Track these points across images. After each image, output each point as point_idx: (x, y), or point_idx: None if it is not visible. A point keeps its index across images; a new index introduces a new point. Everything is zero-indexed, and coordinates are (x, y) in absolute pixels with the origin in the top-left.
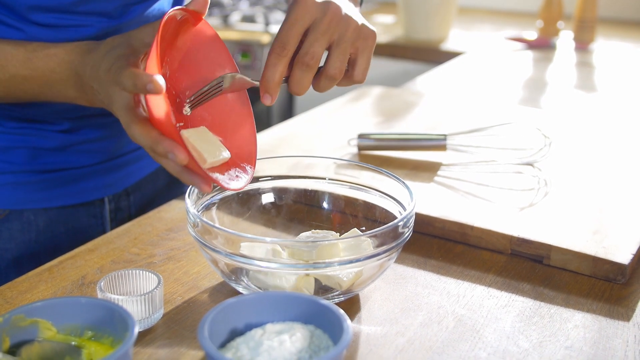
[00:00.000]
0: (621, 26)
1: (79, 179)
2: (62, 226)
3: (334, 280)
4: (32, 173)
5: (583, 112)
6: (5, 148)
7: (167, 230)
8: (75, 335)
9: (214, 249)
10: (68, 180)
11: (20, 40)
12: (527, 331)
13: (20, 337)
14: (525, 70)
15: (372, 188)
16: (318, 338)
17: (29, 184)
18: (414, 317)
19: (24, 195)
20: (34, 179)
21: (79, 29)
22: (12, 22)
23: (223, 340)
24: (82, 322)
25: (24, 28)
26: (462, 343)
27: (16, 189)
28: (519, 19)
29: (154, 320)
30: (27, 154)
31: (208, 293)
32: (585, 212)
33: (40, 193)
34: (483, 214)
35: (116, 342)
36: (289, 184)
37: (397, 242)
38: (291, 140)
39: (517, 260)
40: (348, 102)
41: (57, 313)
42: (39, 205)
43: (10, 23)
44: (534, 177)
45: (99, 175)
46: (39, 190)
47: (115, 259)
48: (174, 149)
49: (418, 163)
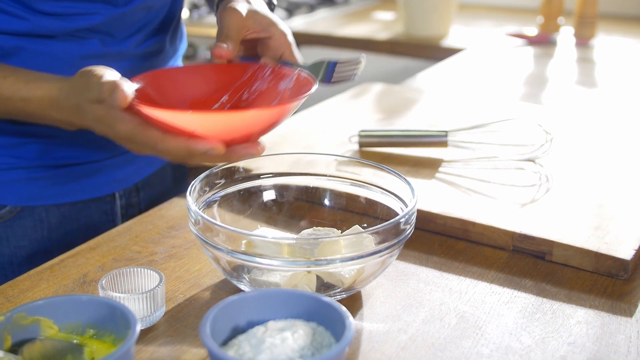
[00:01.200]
0: (622, 22)
1: (90, 174)
2: (74, 223)
3: (335, 277)
4: (43, 168)
5: (584, 108)
6: (17, 144)
7: (169, 228)
8: (77, 334)
9: (216, 247)
10: (79, 175)
11: None
12: (529, 327)
13: (22, 335)
14: (525, 66)
15: (374, 185)
16: (320, 335)
17: (41, 180)
18: (416, 314)
19: (36, 192)
20: (46, 174)
21: (86, 17)
22: (18, 11)
23: (225, 338)
24: (84, 320)
25: (30, 17)
26: (465, 340)
27: (28, 185)
28: (519, 15)
29: (155, 318)
30: (38, 149)
31: (210, 291)
32: (587, 207)
33: (52, 189)
34: (485, 210)
35: (118, 340)
36: (290, 181)
37: (398, 239)
38: (292, 137)
39: (519, 256)
40: (348, 99)
41: (59, 311)
42: (51, 202)
43: (15, 12)
44: (535, 173)
45: (109, 170)
46: (51, 186)
47: (117, 257)
48: (208, 144)
49: (419, 160)
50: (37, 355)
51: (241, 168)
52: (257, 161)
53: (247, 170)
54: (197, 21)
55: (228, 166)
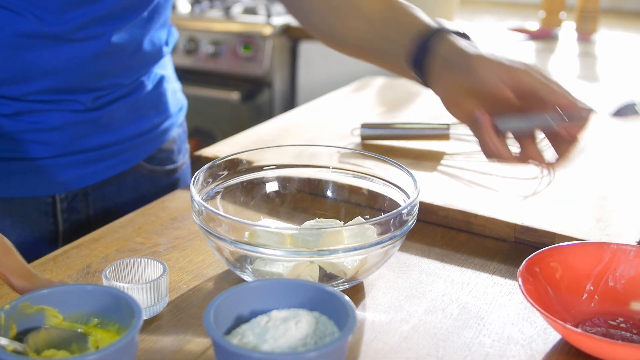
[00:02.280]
0: (623, 16)
1: (27, 171)
2: (8, 219)
3: (338, 267)
4: None
5: (585, 102)
6: None
7: (172, 219)
8: (81, 323)
9: (219, 237)
10: (15, 171)
11: None
12: (531, 318)
13: (27, 324)
14: (527, 60)
15: (376, 176)
16: (323, 324)
17: None
18: (418, 304)
19: None
20: None
21: None
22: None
23: (229, 327)
24: (88, 309)
25: None
26: (467, 330)
27: None
28: (521, 9)
29: (159, 308)
30: None
31: (213, 281)
32: (589, 200)
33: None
34: (487, 202)
35: (122, 329)
36: (293, 173)
37: (401, 230)
38: (294, 130)
39: (520, 248)
40: (351, 93)
41: (63, 300)
42: None
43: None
44: (537, 166)
45: (49, 171)
46: None
47: (120, 248)
48: None
49: (421, 152)
50: (42, 343)
51: (244, 160)
52: (260, 153)
53: (250, 162)
54: (199, 15)
55: (231, 157)
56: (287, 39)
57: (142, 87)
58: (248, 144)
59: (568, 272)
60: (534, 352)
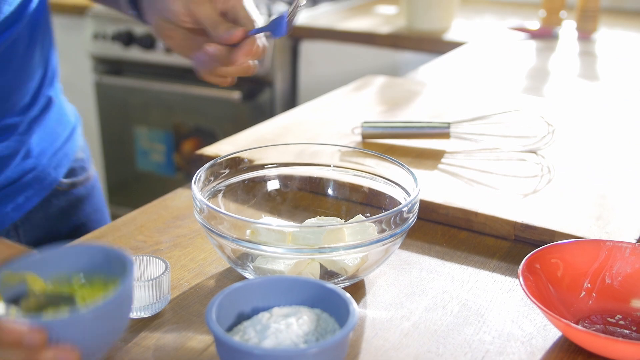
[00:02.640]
0: (624, 16)
1: None
2: None
3: (339, 265)
4: None
5: (586, 101)
6: None
7: (173, 218)
8: (64, 284)
9: (221, 235)
10: None
11: None
12: (531, 315)
13: (12, 293)
14: (528, 59)
15: (377, 175)
16: (324, 321)
17: None
18: (418, 301)
19: None
20: None
21: None
22: None
23: (230, 324)
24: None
25: None
26: (467, 327)
27: None
28: (521, 8)
29: (161, 306)
30: None
31: (215, 279)
32: (588, 198)
33: None
34: (487, 200)
35: (110, 282)
36: (294, 171)
37: (402, 227)
38: (295, 129)
39: (521, 246)
40: (351, 92)
41: (43, 265)
42: None
43: None
44: (537, 164)
45: None
46: None
47: (122, 246)
48: None
49: (422, 151)
50: (34, 306)
51: (246, 158)
52: (262, 151)
53: (252, 161)
54: None
55: (233, 156)
56: (287, 38)
57: (41, 111)
58: (249, 143)
59: (566, 270)
60: (533, 349)
